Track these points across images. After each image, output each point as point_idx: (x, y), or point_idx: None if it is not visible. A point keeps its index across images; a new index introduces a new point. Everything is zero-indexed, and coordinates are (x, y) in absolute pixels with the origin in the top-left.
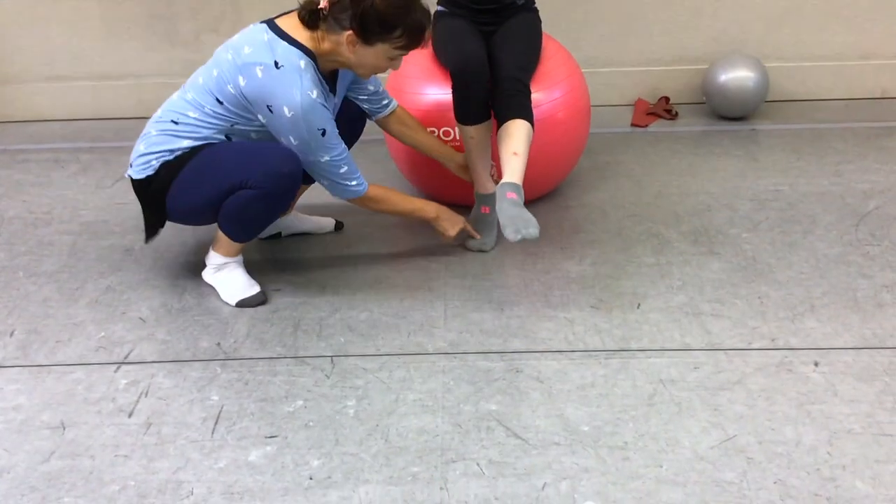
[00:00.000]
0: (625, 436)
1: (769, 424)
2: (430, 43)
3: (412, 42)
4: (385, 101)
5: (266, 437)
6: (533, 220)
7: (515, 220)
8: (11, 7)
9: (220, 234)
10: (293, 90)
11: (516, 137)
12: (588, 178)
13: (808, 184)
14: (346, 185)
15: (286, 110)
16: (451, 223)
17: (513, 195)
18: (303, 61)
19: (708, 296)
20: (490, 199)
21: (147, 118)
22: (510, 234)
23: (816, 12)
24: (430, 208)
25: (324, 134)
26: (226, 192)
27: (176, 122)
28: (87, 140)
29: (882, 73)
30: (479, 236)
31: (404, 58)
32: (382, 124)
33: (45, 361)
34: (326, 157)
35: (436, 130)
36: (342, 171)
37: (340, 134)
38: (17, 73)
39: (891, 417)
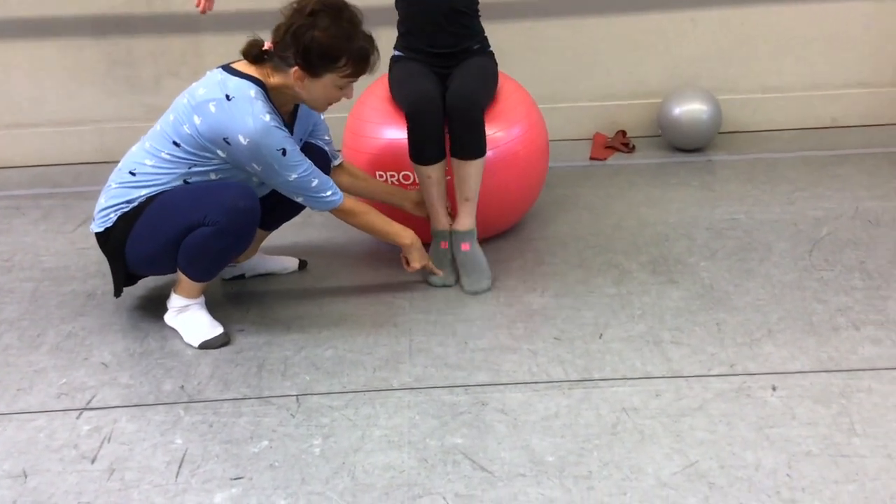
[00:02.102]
0: (589, 465)
1: (730, 449)
2: (375, 68)
3: (358, 69)
4: (335, 155)
5: (231, 479)
6: (486, 271)
7: (470, 273)
8: None
9: (181, 275)
10: (246, 118)
11: (469, 182)
12: (549, 211)
13: (763, 212)
14: (321, 197)
15: (242, 139)
16: (420, 256)
17: (466, 245)
18: (252, 90)
19: (668, 324)
20: (447, 234)
21: (108, 163)
22: (466, 287)
23: (766, 46)
24: (406, 235)
25: (284, 153)
26: (183, 233)
27: (133, 173)
28: (48, 186)
29: (832, 102)
30: (440, 273)
31: (362, 101)
32: (333, 177)
33: (5, 410)
34: (294, 175)
35: (395, 174)
36: (314, 184)
37: None
38: None
39: (848, 439)
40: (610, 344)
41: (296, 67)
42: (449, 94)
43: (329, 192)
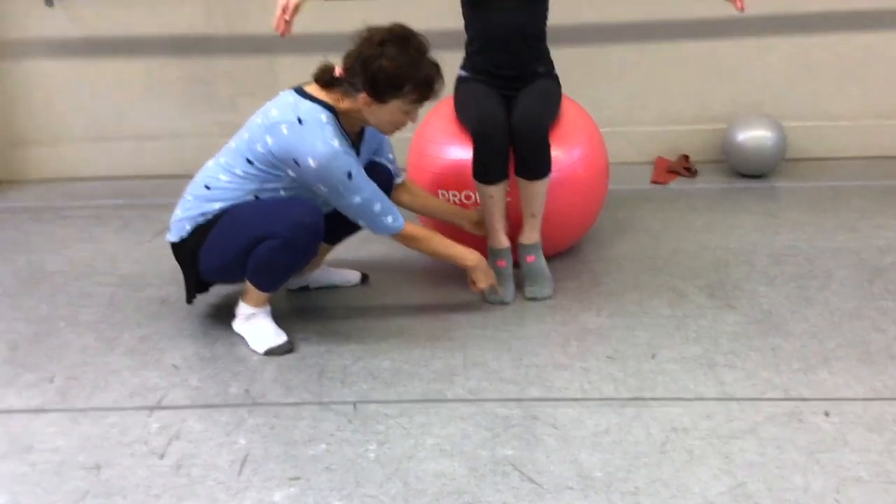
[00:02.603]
0: (637, 482)
1: (779, 472)
2: (439, 93)
3: (423, 95)
4: (398, 173)
5: (290, 479)
6: (549, 280)
7: (534, 282)
8: (60, 71)
9: (249, 285)
10: (315, 142)
11: (535, 200)
12: (608, 233)
13: (825, 240)
14: (383, 221)
15: (311, 161)
16: (486, 275)
17: (532, 258)
18: (324, 115)
19: (723, 348)
20: (505, 252)
21: (185, 176)
22: (528, 293)
23: (833, 73)
24: (471, 256)
25: (350, 177)
26: (252, 244)
27: (208, 187)
28: (128, 197)
29: None
30: (503, 292)
31: (427, 121)
32: (394, 195)
33: (82, 406)
34: (358, 199)
35: (458, 193)
36: (376, 209)
37: None
38: (63, 133)
39: None
40: (663, 365)
41: (364, 93)
42: (515, 116)
43: (390, 218)
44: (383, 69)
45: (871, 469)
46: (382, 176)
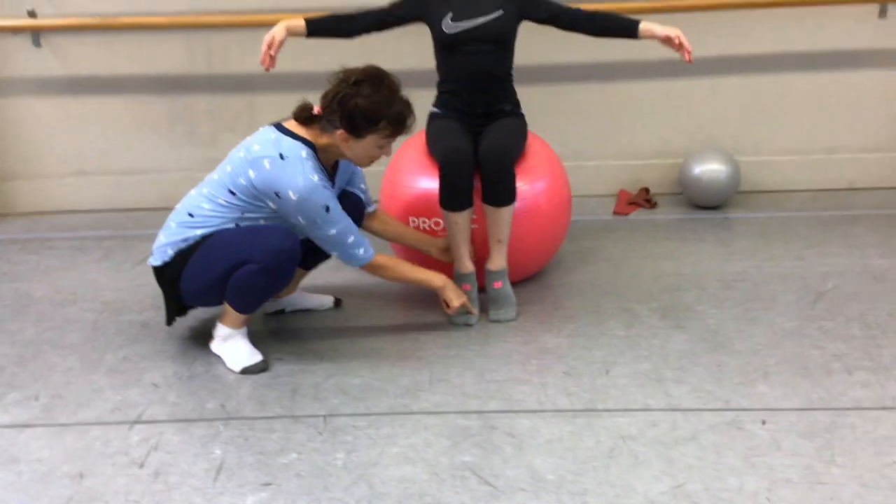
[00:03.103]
0: (585, 484)
1: (716, 474)
2: (411, 128)
3: (396, 130)
4: (370, 202)
5: (262, 485)
6: (514, 304)
7: (500, 307)
8: (46, 108)
9: (228, 307)
10: (297, 176)
11: (500, 226)
12: (570, 260)
13: (773, 266)
14: (355, 253)
15: (291, 194)
16: (457, 294)
17: (499, 284)
18: (304, 151)
19: (671, 364)
20: (470, 276)
21: (166, 209)
22: (492, 316)
23: (783, 111)
24: (437, 278)
25: (327, 210)
26: (232, 268)
27: (191, 215)
28: (110, 229)
29: (849, 165)
30: (475, 312)
31: (400, 154)
32: (366, 223)
33: (66, 421)
34: (333, 231)
35: (427, 220)
36: (349, 241)
37: None
38: (47, 168)
39: (827, 469)
40: (615, 379)
41: (342, 130)
42: (482, 147)
43: (361, 250)
44: (359, 107)
45: (801, 472)
46: (354, 205)
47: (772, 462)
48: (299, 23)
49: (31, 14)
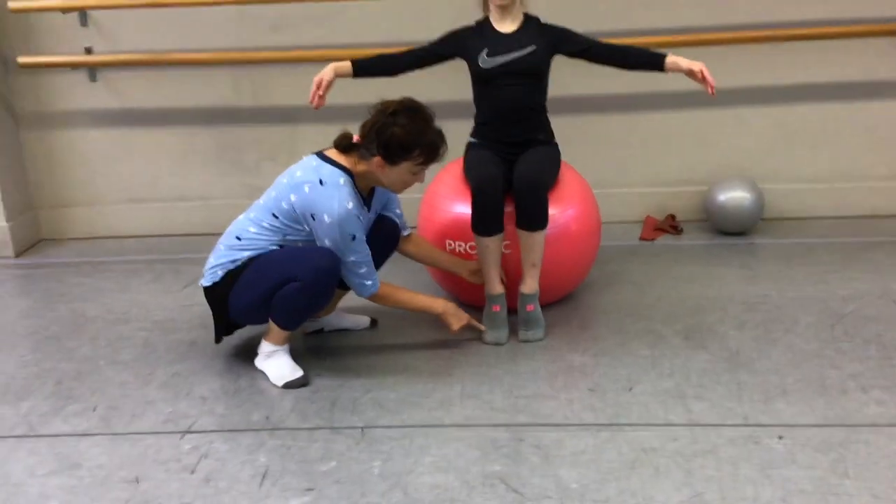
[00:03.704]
0: (608, 492)
1: (733, 485)
2: (443, 157)
3: (430, 158)
4: (405, 227)
5: (304, 490)
6: (542, 326)
7: (530, 328)
8: (100, 139)
9: (272, 324)
10: (333, 202)
11: (534, 249)
12: (598, 284)
13: (795, 290)
14: (363, 283)
15: (326, 217)
16: (456, 318)
17: (531, 307)
18: (342, 178)
19: (693, 382)
20: (500, 298)
21: (213, 234)
22: (522, 337)
23: (806, 139)
24: (437, 304)
25: (353, 239)
26: (277, 286)
27: (239, 238)
28: (159, 253)
29: (871, 193)
30: (483, 328)
31: (438, 180)
32: (401, 246)
33: (122, 431)
34: (353, 258)
35: (463, 244)
36: (362, 271)
37: (376, 249)
38: (101, 196)
39: (840, 481)
40: (638, 396)
41: (378, 157)
42: (517, 174)
43: (370, 282)
44: (395, 136)
45: (815, 483)
46: (389, 228)
47: (787, 474)
48: (346, 65)
49: (88, 51)
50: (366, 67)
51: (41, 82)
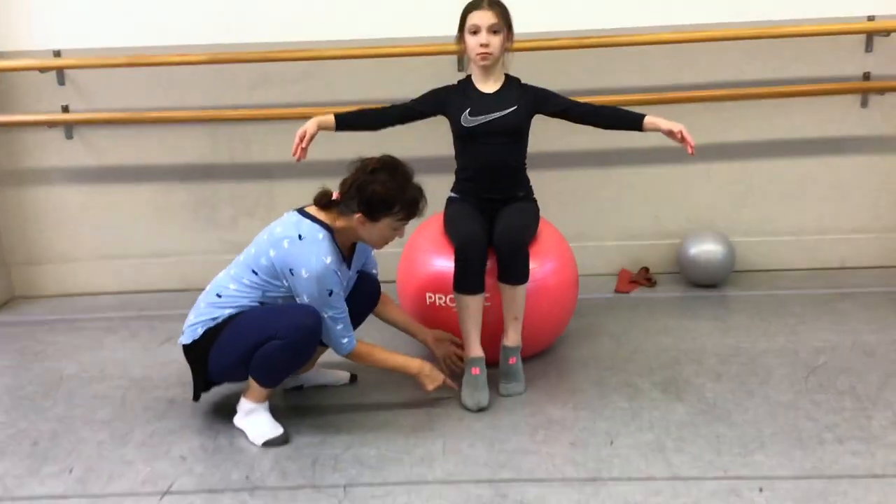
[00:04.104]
0: None
1: None
2: (423, 212)
3: (410, 213)
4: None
5: None
6: (523, 380)
7: (510, 381)
8: (74, 196)
9: (252, 382)
10: (311, 257)
11: (516, 302)
12: (575, 336)
13: (768, 342)
14: (340, 340)
15: (304, 272)
16: (431, 379)
17: (513, 360)
18: (321, 234)
19: (672, 434)
20: (479, 361)
21: (189, 290)
22: (503, 391)
23: (775, 193)
24: (412, 365)
25: (330, 294)
26: (258, 344)
27: (219, 295)
28: (135, 309)
29: (839, 245)
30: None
31: (417, 234)
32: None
33: (99, 493)
34: (330, 314)
35: (443, 297)
36: (339, 328)
37: (358, 306)
38: (75, 252)
39: None
40: (619, 450)
41: (359, 214)
42: (498, 230)
43: (346, 340)
44: (376, 192)
45: None
46: (371, 284)
47: None
48: (329, 118)
49: (65, 109)
50: (348, 121)
51: (16, 139)
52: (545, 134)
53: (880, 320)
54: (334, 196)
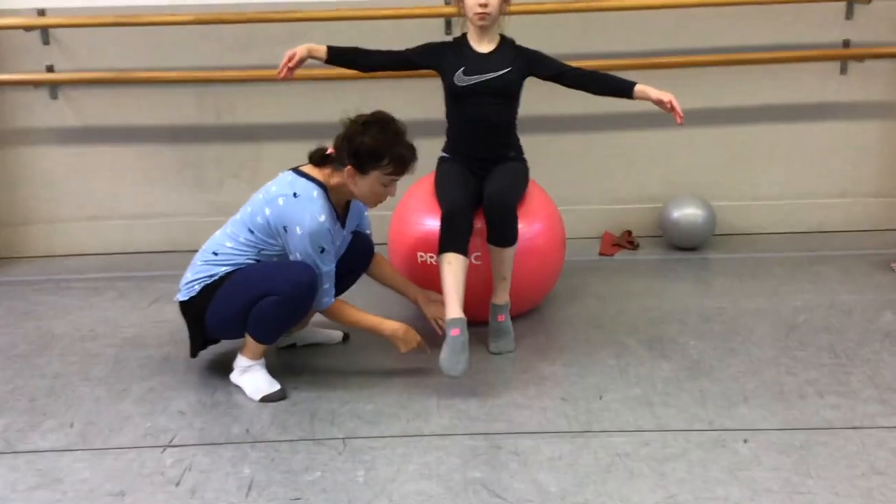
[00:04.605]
0: (586, 495)
1: (704, 486)
2: (413, 170)
3: (399, 168)
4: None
5: (291, 499)
6: (512, 337)
7: (500, 338)
8: (60, 157)
9: (248, 338)
10: (305, 214)
11: (505, 264)
12: (562, 297)
13: (748, 302)
14: (321, 298)
15: (297, 229)
16: (404, 342)
17: (502, 317)
18: (315, 192)
19: (658, 390)
20: (460, 322)
21: (176, 251)
22: (493, 349)
23: (756, 158)
24: (385, 326)
25: (322, 251)
26: (255, 300)
27: (216, 253)
28: (122, 271)
29: (818, 210)
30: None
31: (409, 194)
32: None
33: (102, 446)
34: (319, 270)
35: (434, 255)
36: (325, 286)
37: (351, 264)
38: (61, 213)
39: (803, 481)
40: (608, 404)
41: (349, 166)
42: (487, 192)
43: (326, 298)
44: (365, 144)
45: (780, 483)
46: (364, 244)
47: (754, 475)
48: (321, 48)
49: (50, 69)
50: (340, 54)
51: (0, 99)
52: (531, 98)
53: (857, 281)
54: (329, 151)
